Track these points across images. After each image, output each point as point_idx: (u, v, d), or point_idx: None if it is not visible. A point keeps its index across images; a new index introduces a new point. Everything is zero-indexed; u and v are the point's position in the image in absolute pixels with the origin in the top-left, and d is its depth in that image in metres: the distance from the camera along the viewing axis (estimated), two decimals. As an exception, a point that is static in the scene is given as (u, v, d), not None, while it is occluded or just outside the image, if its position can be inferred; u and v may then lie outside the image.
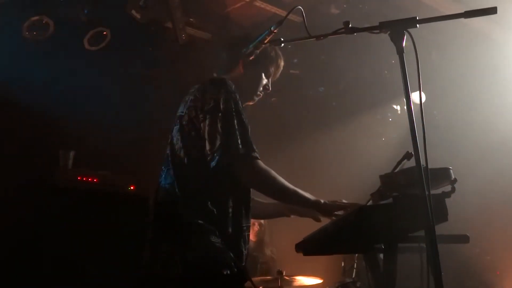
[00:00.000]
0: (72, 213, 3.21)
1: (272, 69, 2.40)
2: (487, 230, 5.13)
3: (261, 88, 2.38)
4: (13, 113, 3.96)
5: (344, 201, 2.15)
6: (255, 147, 2.03)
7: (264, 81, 2.38)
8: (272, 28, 1.92)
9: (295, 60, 5.26)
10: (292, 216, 2.55)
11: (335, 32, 1.83)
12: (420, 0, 4.55)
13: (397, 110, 6.31)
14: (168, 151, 2.15)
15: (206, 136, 2.00)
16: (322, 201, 2.12)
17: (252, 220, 5.18)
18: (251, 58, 2.07)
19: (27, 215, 3.15)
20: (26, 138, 3.99)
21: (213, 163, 1.96)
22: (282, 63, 2.45)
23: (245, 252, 2.09)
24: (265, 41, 1.96)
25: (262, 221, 5.04)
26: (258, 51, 2.04)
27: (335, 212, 2.15)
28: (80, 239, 3.14)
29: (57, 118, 4.14)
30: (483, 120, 5.31)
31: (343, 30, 1.82)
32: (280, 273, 3.80)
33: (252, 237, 4.90)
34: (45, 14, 4.12)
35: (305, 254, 2.11)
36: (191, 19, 4.74)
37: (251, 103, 2.39)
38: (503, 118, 5.25)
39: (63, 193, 3.32)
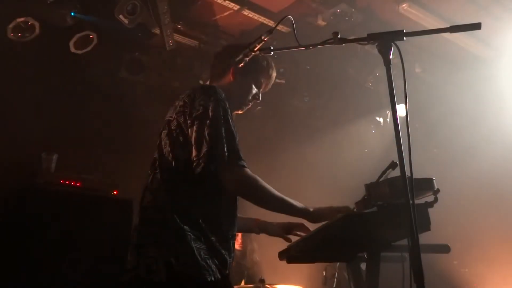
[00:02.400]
0: (54, 216, 3.16)
1: (262, 79, 2.39)
2: (465, 242, 5.21)
3: (251, 97, 2.37)
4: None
5: (334, 206, 2.15)
6: (242, 156, 2.03)
7: (254, 90, 2.37)
8: (262, 37, 1.94)
9: (281, 70, 5.30)
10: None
11: (324, 42, 1.86)
12: (405, 15, 4.65)
13: (380, 122, 6.40)
14: (156, 155, 2.14)
15: (193, 142, 1.99)
16: (311, 209, 2.12)
17: None
18: (240, 65, 2.07)
19: (9, 217, 3.09)
20: (9, 140, 3.93)
21: (198, 170, 1.96)
22: (274, 74, 2.44)
23: (229, 260, 2.07)
24: (255, 49, 1.97)
25: None
26: (247, 59, 2.04)
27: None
28: (63, 242, 3.10)
29: (41, 121, 4.10)
30: (464, 133, 5.41)
31: (332, 40, 1.85)
32: (262, 281, 3.79)
33: (237, 246, 4.90)
34: (31, 16, 4.08)
35: (288, 262, 2.12)
36: (179, 26, 4.76)
37: (240, 112, 2.37)
38: (484, 131, 5.36)
39: (45, 196, 3.27)
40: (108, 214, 3.37)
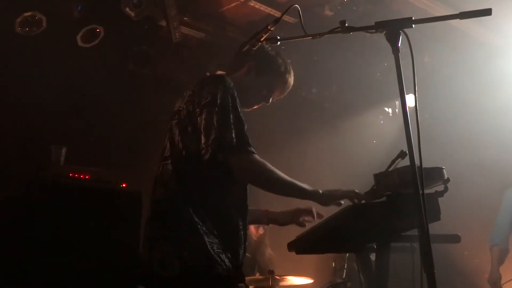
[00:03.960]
0: (63, 209, 3.17)
1: (277, 83, 2.36)
2: (476, 232, 5.17)
3: (259, 98, 2.35)
4: (5, 109, 3.93)
5: (343, 189, 2.13)
6: (251, 142, 2.03)
7: (264, 92, 2.34)
8: (268, 26, 1.93)
9: (289, 61, 5.25)
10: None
11: (332, 31, 1.84)
12: (414, 3, 4.60)
13: (388, 112, 6.36)
14: (166, 145, 2.14)
15: (202, 130, 2.00)
16: (320, 191, 2.11)
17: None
18: (245, 50, 2.04)
19: (18, 211, 3.11)
20: (18, 134, 3.96)
21: (206, 156, 1.95)
22: (291, 81, 2.40)
23: (241, 251, 2.07)
24: (261, 39, 1.96)
25: None
26: (254, 49, 2.03)
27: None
28: (72, 236, 3.12)
29: (50, 114, 4.12)
30: (475, 122, 5.37)
31: (339, 29, 1.83)
32: (271, 272, 3.80)
33: (254, 237, 4.91)
34: (38, 10, 4.09)
35: (297, 253, 2.11)
36: (186, 18, 4.74)
37: (246, 109, 2.31)
38: (494, 119, 5.32)
39: (54, 189, 3.29)
40: (117, 206, 3.39)
